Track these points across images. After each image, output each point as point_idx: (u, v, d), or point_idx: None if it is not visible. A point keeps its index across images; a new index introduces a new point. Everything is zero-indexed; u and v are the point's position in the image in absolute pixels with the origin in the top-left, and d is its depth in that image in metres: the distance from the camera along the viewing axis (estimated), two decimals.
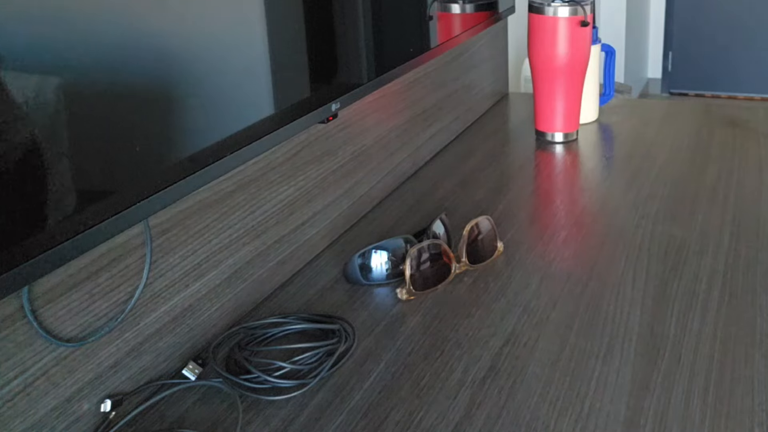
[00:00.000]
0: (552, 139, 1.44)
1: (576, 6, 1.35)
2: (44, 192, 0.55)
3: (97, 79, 0.58)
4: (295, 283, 0.98)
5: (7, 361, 0.62)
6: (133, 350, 0.75)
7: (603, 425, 0.69)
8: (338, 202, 1.09)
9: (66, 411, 0.68)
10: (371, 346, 0.83)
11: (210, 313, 0.85)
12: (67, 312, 0.67)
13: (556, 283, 0.94)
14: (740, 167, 1.27)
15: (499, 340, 0.83)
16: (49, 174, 0.55)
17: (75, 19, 0.56)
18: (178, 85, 0.66)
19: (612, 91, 1.63)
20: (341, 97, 0.92)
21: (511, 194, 1.21)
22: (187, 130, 0.68)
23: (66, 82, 0.56)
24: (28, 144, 0.53)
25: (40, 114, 0.54)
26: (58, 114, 0.55)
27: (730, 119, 1.52)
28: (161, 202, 0.65)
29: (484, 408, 0.73)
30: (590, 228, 1.08)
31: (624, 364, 0.78)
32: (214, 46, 0.72)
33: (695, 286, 0.91)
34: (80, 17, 0.56)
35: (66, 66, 0.55)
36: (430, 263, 0.93)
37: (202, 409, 0.75)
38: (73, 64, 0.56)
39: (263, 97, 0.80)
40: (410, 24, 1.16)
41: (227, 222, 0.87)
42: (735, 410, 0.70)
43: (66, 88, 0.56)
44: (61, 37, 0.55)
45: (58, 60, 0.55)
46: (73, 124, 0.57)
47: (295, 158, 0.98)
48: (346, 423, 0.72)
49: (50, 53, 0.54)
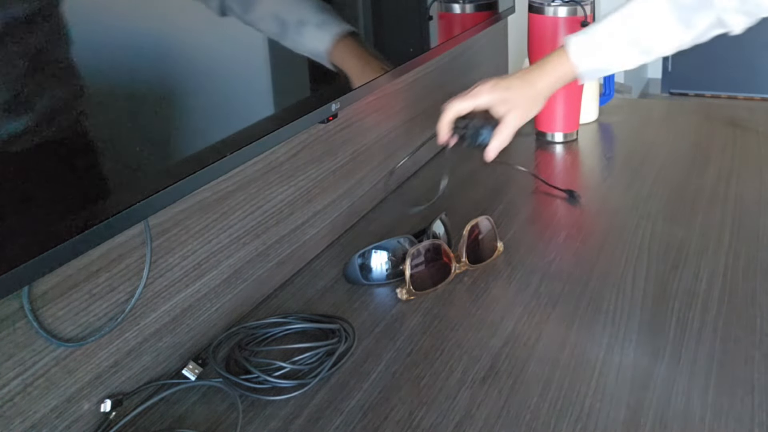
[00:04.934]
0: (552, 139, 1.44)
1: (576, 6, 1.35)
2: (44, 192, 0.55)
3: (96, 80, 0.58)
4: (295, 283, 0.98)
5: (7, 361, 0.62)
6: (133, 350, 0.75)
7: (603, 425, 0.69)
8: (338, 202, 1.09)
9: (66, 411, 0.68)
10: (371, 346, 0.83)
11: (210, 313, 0.85)
12: (67, 312, 0.67)
13: (556, 283, 0.94)
14: (740, 167, 1.27)
15: (499, 340, 0.83)
16: (48, 174, 0.55)
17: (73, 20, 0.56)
18: (178, 86, 0.66)
19: (612, 91, 1.63)
20: (341, 97, 0.92)
21: (511, 194, 1.21)
22: (187, 130, 0.68)
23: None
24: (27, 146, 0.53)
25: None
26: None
27: (730, 119, 1.52)
28: (161, 202, 0.65)
29: (484, 408, 0.73)
30: (590, 228, 1.08)
31: (624, 364, 0.78)
32: (215, 47, 0.72)
33: (695, 286, 0.91)
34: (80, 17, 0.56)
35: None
36: (430, 263, 0.93)
37: (202, 409, 0.75)
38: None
39: (263, 97, 0.80)
40: (410, 24, 1.16)
41: (227, 222, 0.87)
42: (735, 410, 0.70)
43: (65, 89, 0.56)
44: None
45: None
46: (73, 125, 0.57)
47: (295, 158, 0.98)
48: (346, 423, 0.72)
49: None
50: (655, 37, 0.99)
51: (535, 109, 1.03)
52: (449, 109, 1.00)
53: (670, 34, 0.99)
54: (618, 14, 1.01)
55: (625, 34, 0.99)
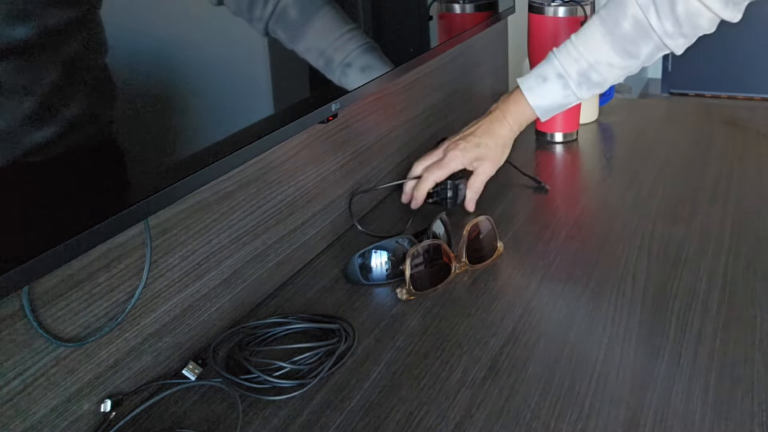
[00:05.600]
0: (552, 139, 1.44)
1: (576, 6, 1.35)
2: (44, 192, 0.55)
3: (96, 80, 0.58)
4: (295, 283, 0.98)
5: (7, 361, 0.62)
6: (133, 350, 0.75)
7: (603, 425, 0.69)
8: (338, 202, 1.09)
9: (66, 411, 0.68)
10: (371, 346, 0.83)
11: (210, 313, 0.85)
12: (67, 312, 0.67)
13: (556, 283, 0.94)
14: (740, 167, 1.27)
15: (499, 340, 0.83)
16: (48, 175, 0.55)
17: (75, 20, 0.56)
18: (178, 85, 0.66)
19: (612, 91, 1.63)
20: (341, 97, 0.92)
21: (511, 194, 1.21)
22: (187, 130, 0.68)
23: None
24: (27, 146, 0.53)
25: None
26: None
27: (730, 119, 1.52)
28: (161, 202, 0.65)
29: (484, 408, 0.73)
30: (590, 228, 1.08)
31: (624, 364, 0.78)
32: (215, 47, 0.72)
33: (695, 286, 0.91)
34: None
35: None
36: (430, 263, 0.93)
37: (202, 409, 0.75)
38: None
39: (263, 97, 0.80)
40: (410, 24, 1.16)
41: (227, 222, 0.87)
42: (735, 410, 0.70)
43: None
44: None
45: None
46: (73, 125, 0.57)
47: (295, 158, 0.98)
48: (346, 423, 0.72)
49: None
50: (603, 71, 1.04)
51: (503, 157, 1.14)
52: (427, 180, 1.10)
53: (615, 66, 1.04)
54: (563, 51, 1.05)
55: (574, 73, 1.05)
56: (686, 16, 0.98)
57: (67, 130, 0.56)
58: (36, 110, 0.52)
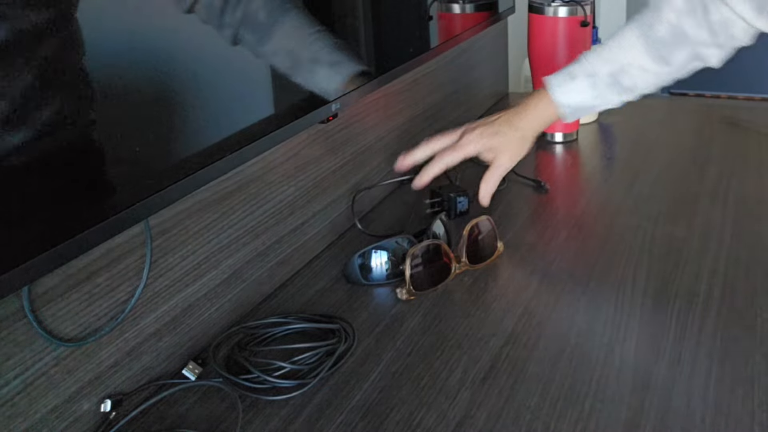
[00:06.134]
0: (552, 139, 1.44)
1: (576, 6, 1.35)
2: (44, 192, 0.55)
3: (96, 80, 0.58)
4: (295, 283, 0.98)
5: (7, 361, 0.62)
6: (133, 350, 0.75)
7: (603, 425, 0.69)
8: (338, 202, 1.09)
9: (66, 411, 0.68)
10: (371, 346, 0.83)
11: (210, 313, 0.85)
12: (67, 312, 0.67)
13: (556, 283, 0.93)
14: (740, 167, 1.27)
15: (499, 340, 0.83)
16: (48, 175, 0.55)
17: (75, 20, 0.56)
18: (178, 86, 0.66)
19: None
20: (341, 97, 0.92)
21: (511, 195, 1.21)
22: (187, 130, 0.68)
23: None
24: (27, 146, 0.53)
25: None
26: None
27: (730, 119, 1.52)
28: (161, 202, 0.65)
29: (484, 408, 0.73)
30: (591, 228, 1.08)
31: (624, 364, 0.78)
32: (215, 47, 0.72)
33: (695, 286, 0.91)
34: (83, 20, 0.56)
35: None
36: (430, 263, 0.93)
37: (202, 409, 0.75)
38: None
39: (263, 97, 0.80)
40: (410, 24, 1.16)
41: (227, 222, 0.87)
42: (735, 410, 0.70)
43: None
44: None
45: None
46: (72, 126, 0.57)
47: (295, 158, 0.98)
48: (346, 423, 0.72)
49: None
50: (634, 75, 1.01)
51: (522, 152, 1.05)
52: (439, 161, 1.01)
53: (648, 71, 1.00)
54: (594, 53, 1.02)
55: (604, 74, 1.01)
56: (720, 25, 0.96)
57: (67, 130, 0.56)
58: (36, 110, 0.52)
